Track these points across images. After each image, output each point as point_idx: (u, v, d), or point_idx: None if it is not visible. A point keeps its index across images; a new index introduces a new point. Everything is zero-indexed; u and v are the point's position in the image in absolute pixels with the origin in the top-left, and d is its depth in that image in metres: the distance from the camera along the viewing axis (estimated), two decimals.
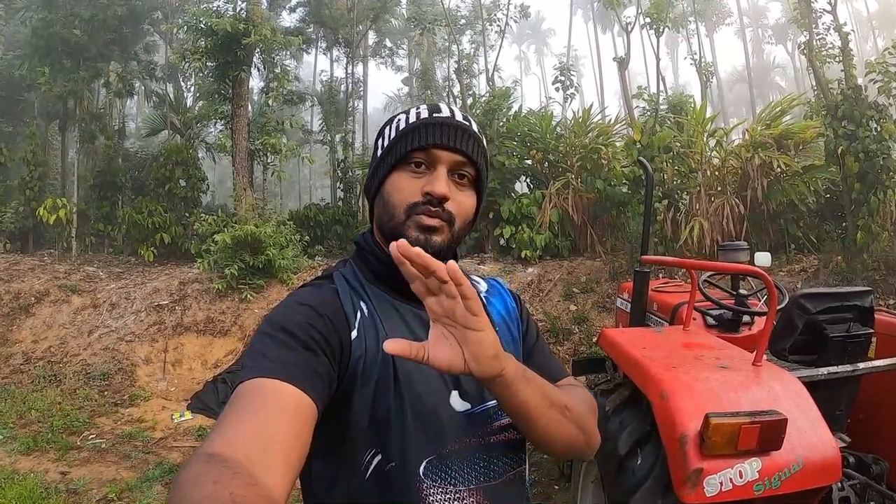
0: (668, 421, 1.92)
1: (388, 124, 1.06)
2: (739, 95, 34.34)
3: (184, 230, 10.90)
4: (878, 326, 2.62)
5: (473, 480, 0.97)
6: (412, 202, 0.96)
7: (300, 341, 0.86)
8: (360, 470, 0.92)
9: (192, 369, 7.36)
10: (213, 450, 0.67)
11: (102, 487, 4.35)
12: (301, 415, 0.78)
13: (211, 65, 10.15)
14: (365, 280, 1.04)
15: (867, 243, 7.22)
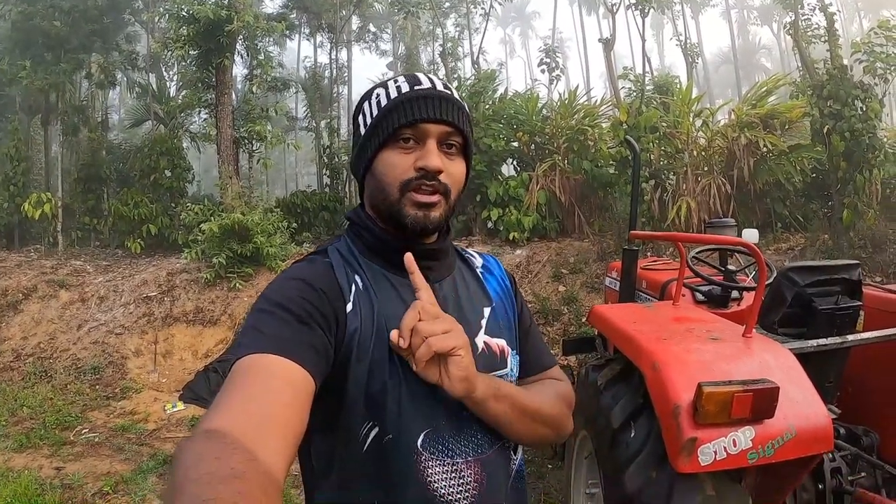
0: (661, 392, 1.93)
1: (365, 99, 1.04)
2: (725, 76, 34.41)
3: (170, 221, 10.80)
4: (866, 300, 2.65)
5: (471, 453, 0.98)
6: (406, 179, 0.96)
7: (295, 315, 0.86)
8: (358, 442, 0.93)
9: (182, 360, 7.32)
10: (212, 426, 0.67)
11: (97, 481, 4.34)
12: (298, 389, 0.79)
13: (194, 53, 10.00)
14: (359, 253, 1.04)
15: (853, 221, 7.31)
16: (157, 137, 11.76)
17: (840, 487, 2.33)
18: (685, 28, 17.58)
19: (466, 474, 0.97)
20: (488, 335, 1.07)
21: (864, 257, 6.87)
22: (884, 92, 8.00)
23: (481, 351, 1.04)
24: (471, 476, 0.98)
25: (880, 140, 7.53)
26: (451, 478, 0.96)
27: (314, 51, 18.53)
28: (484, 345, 1.06)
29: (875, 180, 7.39)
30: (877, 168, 7.37)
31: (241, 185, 10.60)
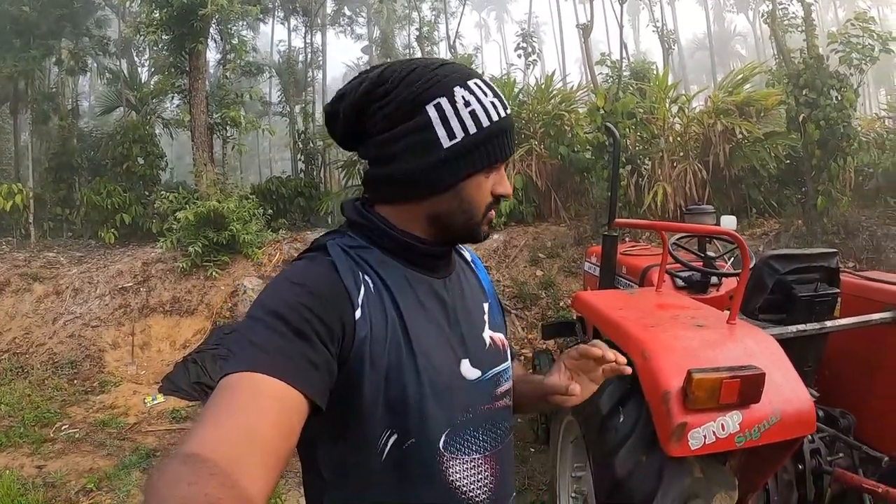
0: (651, 378, 1.97)
1: (441, 94, 0.91)
2: (700, 62, 34.69)
3: (144, 209, 10.57)
4: (844, 287, 2.72)
5: (488, 447, 0.99)
6: (489, 202, 0.98)
7: (292, 327, 0.79)
8: (377, 451, 0.90)
9: (160, 351, 7.21)
10: (190, 450, 0.64)
11: (80, 478, 4.27)
12: (287, 412, 0.74)
13: (166, 38, 9.74)
14: (371, 251, 0.97)
15: (827, 208, 7.48)
16: (130, 124, 11.47)
17: (819, 468, 2.41)
18: (661, 14, 17.67)
19: (484, 469, 0.98)
20: (491, 330, 1.07)
21: (837, 243, 7.05)
22: (859, 82, 8.17)
23: (489, 346, 1.04)
24: (488, 470, 0.98)
25: (854, 129, 7.70)
26: (471, 474, 0.96)
27: (288, 34, 18.16)
28: (490, 340, 1.05)
29: (849, 168, 7.57)
30: (851, 156, 7.54)
31: (217, 172, 10.43)
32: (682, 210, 9.27)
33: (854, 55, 7.76)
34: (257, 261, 8.55)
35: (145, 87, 13.35)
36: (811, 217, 7.77)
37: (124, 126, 11.53)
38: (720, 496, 1.97)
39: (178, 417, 5.51)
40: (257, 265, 8.53)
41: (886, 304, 2.57)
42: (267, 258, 8.67)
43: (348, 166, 12.38)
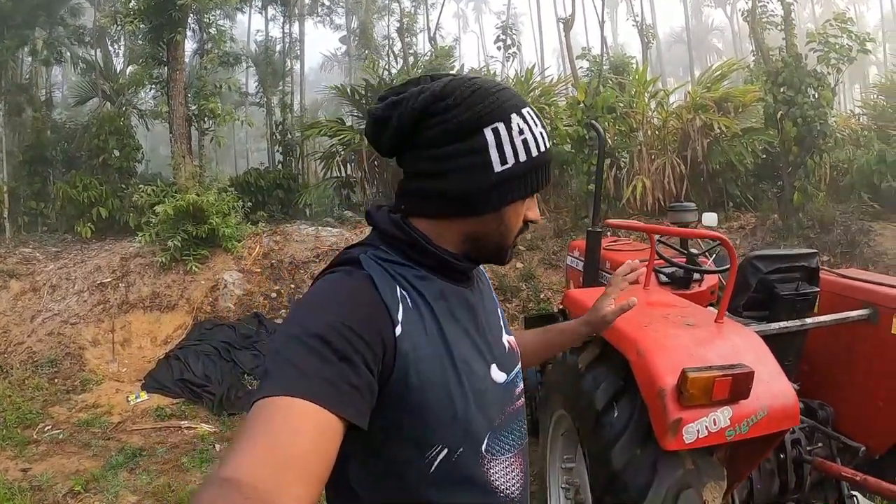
0: (647, 376, 2.05)
1: (499, 119, 0.93)
2: (677, 56, 35.09)
3: (121, 203, 10.37)
4: (823, 285, 2.84)
5: (517, 445, 1.02)
6: (520, 227, 1.03)
7: (336, 351, 0.78)
8: (424, 464, 0.90)
9: (141, 347, 7.12)
10: (226, 474, 0.64)
11: (67, 480, 4.21)
12: (327, 437, 0.73)
13: (144, 27, 9.54)
14: (404, 263, 0.96)
15: (803, 203, 7.69)
16: (106, 115, 11.22)
17: (800, 457, 2.53)
18: (641, 9, 17.84)
19: (516, 466, 1.01)
20: (507, 333, 1.12)
21: (812, 237, 7.27)
22: (836, 81, 8.40)
23: (508, 349, 1.08)
24: (518, 467, 1.02)
25: (831, 127, 7.93)
26: (507, 473, 0.99)
27: (266, 24, 17.93)
28: (508, 343, 1.10)
29: (825, 165, 7.81)
30: (827, 153, 7.77)
31: (195, 164, 10.30)
32: (661, 204, 9.46)
33: (832, 55, 7.97)
34: (237, 254, 8.48)
35: (121, 77, 13.07)
36: (787, 211, 7.99)
37: (100, 117, 11.29)
38: (710, 486, 2.06)
39: (162, 415, 5.45)
40: (237, 259, 8.46)
41: (863, 301, 2.69)
42: (247, 252, 8.60)
43: (326, 158, 12.31)
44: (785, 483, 2.52)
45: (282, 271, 8.36)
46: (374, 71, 12.75)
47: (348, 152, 11.62)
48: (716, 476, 2.08)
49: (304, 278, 8.22)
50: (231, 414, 5.48)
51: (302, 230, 9.24)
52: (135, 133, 11.63)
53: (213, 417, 5.47)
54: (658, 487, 2.02)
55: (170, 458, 4.65)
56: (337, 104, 17.61)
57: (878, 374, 2.59)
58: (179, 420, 5.40)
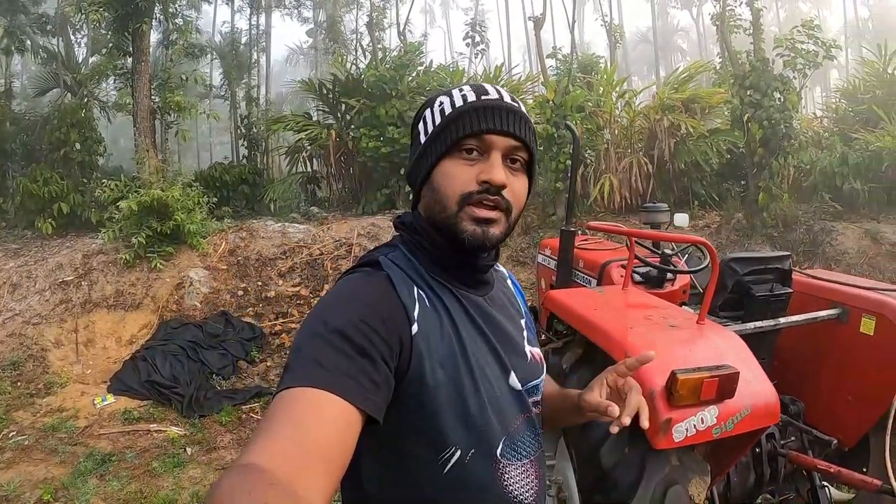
0: (636, 378, 2.07)
1: (427, 107, 1.01)
2: (642, 55, 35.67)
3: (82, 198, 10.03)
4: (795, 286, 2.96)
5: (532, 452, 1.04)
6: (466, 191, 0.93)
7: (355, 346, 0.81)
8: (438, 464, 0.92)
9: (106, 348, 6.92)
10: (249, 460, 0.65)
11: (35, 489, 4.07)
12: (347, 429, 0.76)
13: (109, 17, 9.23)
14: (421, 266, 1.00)
15: (767, 203, 7.94)
16: (67, 107, 10.79)
17: (774, 451, 2.64)
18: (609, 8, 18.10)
19: (530, 472, 1.02)
20: (529, 345, 1.12)
21: (775, 236, 7.53)
22: (801, 85, 8.69)
23: (530, 360, 1.10)
24: (533, 473, 1.03)
25: (796, 129, 8.20)
26: (521, 478, 1.00)
27: (232, 15, 17.56)
28: (530, 354, 1.11)
29: (789, 166, 8.07)
30: (791, 155, 8.03)
31: (159, 158, 10.03)
32: (627, 202, 9.65)
33: (799, 60, 8.24)
34: (203, 251, 8.31)
35: (83, 67, 12.61)
36: (751, 211, 8.24)
37: (61, 109, 10.87)
38: (695, 481, 2.13)
39: (130, 418, 5.31)
40: (203, 256, 8.29)
41: (832, 301, 2.82)
42: (212, 248, 8.44)
43: (292, 153, 12.17)
44: (760, 476, 2.62)
45: (248, 268, 8.23)
46: (342, 65, 12.64)
47: (315, 147, 11.50)
48: (700, 471, 2.15)
49: (272, 275, 8.11)
50: (201, 416, 5.38)
51: (268, 226, 9.12)
52: (97, 125, 11.24)
53: (182, 420, 5.36)
54: (647, 484, 2.08)
55: (140, 463, 4.54)
56: (302, 98, 17.39)
57: (847, 371, 2.72)
58: (148, 423, 5.27)
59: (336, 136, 11.06)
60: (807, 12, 25.27)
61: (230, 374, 6.33)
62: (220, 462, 4.53)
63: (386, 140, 10.03)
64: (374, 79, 10.38)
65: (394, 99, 10.21)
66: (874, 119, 9.99)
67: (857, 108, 10.99)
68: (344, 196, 11.84)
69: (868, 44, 14.50)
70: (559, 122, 9.15)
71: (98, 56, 11.65)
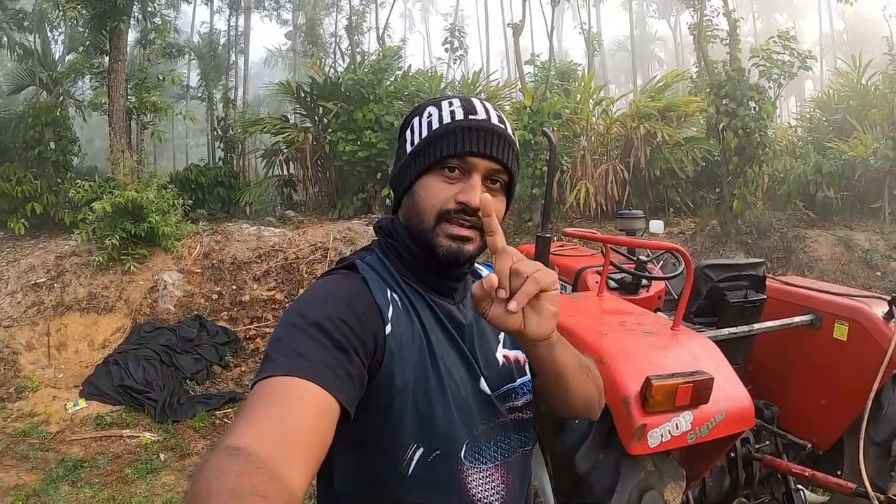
0: (611, 384, 2.10)
1: (416, 115, 1.03)
2: (620, 62, 36.16)
3: (56, 198, 9.82)
4: (768, 292, 3.01)
5: (498, 458, 1.03)
6: (445, 209, 0.95)
7: (332, 339, 0.84)
8: (402, 465, 0.93)
9: (78, 352, 6.78)
10: (235, 442, 0.67)
11: (6, 496, 3.98)
12: (326, 417, 0.77)
13: (86, 14, 9.06)
14: (394, 270, 1.02)
15: (742, 210, 8.09)
16: (42, 106, 10.53)
17: (749, 455, 2.67)
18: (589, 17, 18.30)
19: (495, 478, 1.02)
20: (506, 348, 1.11)
21: (749, 243, 7.67)
22: (776, 95, 8.88)
23: (502, 364, 1.08)
24: (499, 479, 1.02)
25: (770, 138, 8.38)
26: (485, 482, 1.00)
27: (211, 16, 17.41)
28: (504, 358, 1.10)
29: (763, 174, 8.24)
30: (766, 163, 8.19)
31: (134, 159, 9.87)
32: (603, 209, 9.75)
33: (774, 71, 8.42)
34: (177, 254, 8.19)
35: (59, 65, 12.35)
36: (726, 218, 8.38)
37: (36, 107, 10.63)
38: (671, 486, 2.15)
39: (102, 424, 5.21)
40: (177, 258, 8.17)
41: (806, 307, 2.87)
42: (187, 251, 8.32)
43: (269, 155, 12.08)
44: (735, 480, 2.66)
45: (223, 272, 8.13)
46: (321, 68, 12.58)
47: (291, 151, 11.42)
48: (676, 476, 2.17)
49: (246, 279, 8.03)
50: (174, 421, 5.30)
51: (244, 229, 9.02)
52: (72, 125, 11.01)
53: (155, 425, 5.27)
54: (622, 490, 2.09)
55: (112, 469, 4.45)
56: (279, 101, 17.28)
57: (820, 376, 2.77)
58: (121, 428, 5.17)
59: (313, 139, 11.00)
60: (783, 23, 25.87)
61: (204, 379, 6.24)
62: (194, 468, 4.46)
63: (363, 144, 9.97)
64: (353, 82, 10.33)
65: (371, 103, 10.16)
66: (848, 129, 10.26)
67: (831, 118, 11.28)
68: (320, 200, 11.78)
69: (843, 55, 14.88)
70: (536, 128, 9.22)
71: (75, 54, 11.39)
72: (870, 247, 8.34)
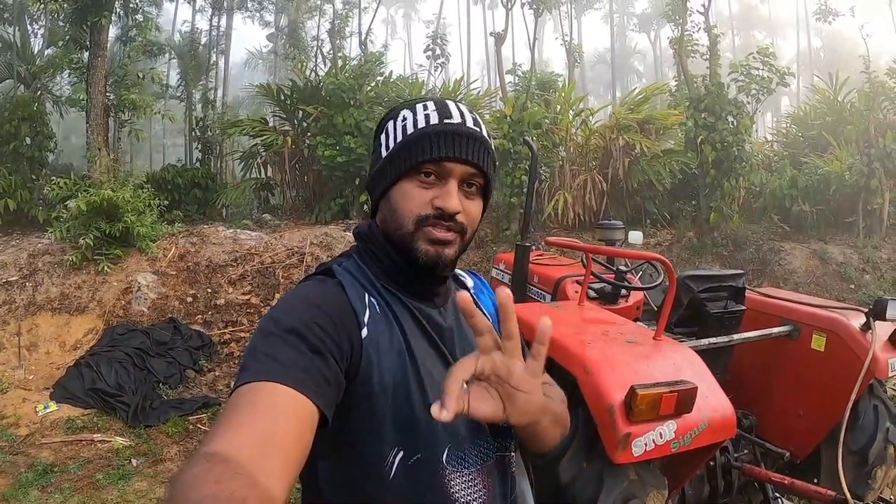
0: (595, 393, 2.12)
1: (391, 118, 1.02)
2: (599, 75, 36.64)
3: (30, 195, 9.60)
4: (747, 303, 3.06)
5: (479, 462, 1.02)
6: (422, 214, 0.95)
7: (309, 344, 0.84)
8: (384, 468, 0.92)
9: (49, 353, 6.61)
10: (213, 449, 0.67)
11: None
12: (304, 421, 0.78)
13: (68, 8, 8.90)
14: (372, 275, 1.02)
15: (718, 223, 8.22)
16: (20, 100, 10.29)
17: (728, 464, 2.71)
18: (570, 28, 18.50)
19: (477, 481, 1.01)
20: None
21: (725, 255, 7.79)
22: (755, 110, 9.07)
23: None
24: (480, 483, 1.02)
25: (748, 152, 8.54)
26: (467, 487, 0.99)
27: (193, 15, 17.25)
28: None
29: (740, 187, 8.39)
30: (743, 177, 8.34)
31: (111, 157, 9.71)
32: (580, 219, 9.84)
33: (753, 86, 8.60)
34: (152, 255, 8.06)
35: (38, 59, 12.10)
36: (703, 230, 8.51)
37: (13, 102, 10.38)
38: (653, 495, 2.17)
39: (73, 427, 5.08)
40: (152, 260, 8.04)
41: (784, 318, 2.92)
42: (162, 253, 8.19)
43: (247, 158, 11.97)
44: (714, 488, 2.69)
45: (198, 274, 8.02)
46: (302, 71, 12.52)
47: (270, 154, 11.34)
48: (658, 485, 2.19)
49: (222, 282, 7.92)
50: (147, 426, 5.19)
51: (220, 232, 8.91)
52: (49, 120, 10.79)
53: (127, 430, 5.16)
54: (606, 499, 2.10)
55: (83, 474, 4.34)
56: (259, 103, 17.14)
57: (798, 386, 2.83)
58: (92, 433, 5.05)
59: (292, 142, 10.93)
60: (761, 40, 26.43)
61: (177, 384, 6.12)
62: (167, 474, 4.37)
63: (342, 149, 9.92)
64: (333, 87, 10.29)
65: (352, 108, 10.12)
66: (823, 144, 10.51)
67: (808, 134, 11.54)
68: (297, 204, 11.70)
69: (820, 72, 15.23)
70: (516, 137, 9.27)
71: (54, 48, 11.19)
72: (844, 260, 8.54)
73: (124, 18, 10.31)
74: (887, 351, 2.65)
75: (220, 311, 7.56)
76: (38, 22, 13.14)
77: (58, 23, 10.10)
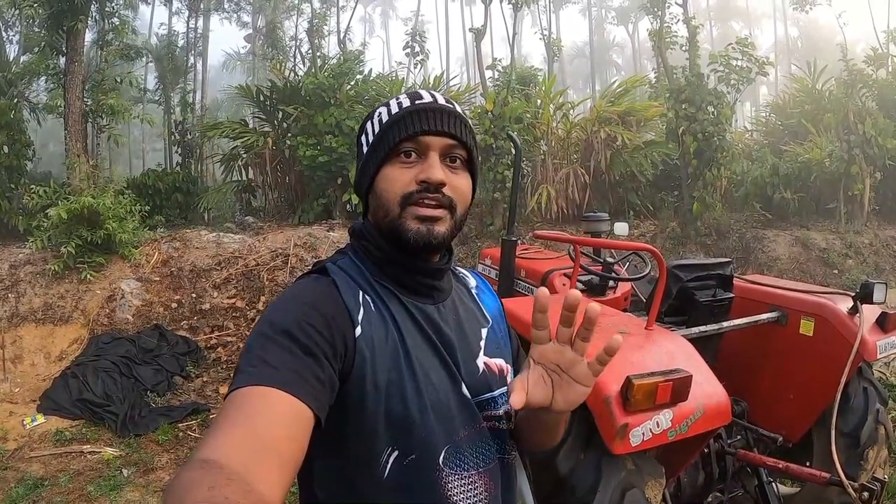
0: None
1: (368, 119, 1.04)
2: (578, 68, 36.77)
3: (9, 204, 9.43)
4: (735, 290, 3.10)
5: (481, 464, 1.01)
6: (407, 192, 0.95)
7: (301, 345, 0.84)
8: (378, 468, 0.92)
9: (35, 364, 6.50)
10: (207, 455, 0.67)
11: None
12: (298, 425, 0.78)
13: (43, 13, 8.74)
14: (368, 272, 1.01)
15: (701, 212, 8.30)
16: None
17: (722, 450, 2.74)
18: (549, 23, 18.55)
19: (478, 485, 1.00)
20: (487, 356, 1.09)
21: (709, 244, 7.88)
22: (735, 100, 9.16)
23: (482, 372, 1.06)
24: (481, 486, 1.01)
25: (729, 142, 8.64)
26: (466, 489, 0.99)
27: (169, 17, 17.04)
28: (484, 366, 1.07)
29: (722, 177, 8.47)
30: (724, 166, 8.43)
31: (91, 163, 9.56)
32: (564, 212, 9.88)
33: (733, 76, 8.68)
34: (135, 261, 7.96)
35: (14, 66, 11.87)
36: (686, 220, 8.59)
37: None
38: (651, 483, 2.19)
39: (62, 439, 4.99)
40: (135, 266, 7.93)
41: (772, 305, 2.96)
42: (145, 259, 8.08)
43: (228, 160, 11.86)
44: (709, 475, 2.72)
45: (182, 279, 7.92)
46: (280, 72, 12.42)
47: (251, 155, 11.24)
48: (655, 474, 2.21)
49: (206, 287, 7.84)
50: (136, 435, 5.12)
51: (203, 236, 8.80)
52: (26, 128, 10.61)
53: (116, 440, 5.08)
54: (605, 489, 2.11)
55: (74, 487, 4.26)
56: (238, 104, 16.97)
57: (788, 371, 2.87)
58: (81, 444, 4.97)
59: (273, 143, 10.83)
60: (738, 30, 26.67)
61: (165, 391, 6.04)
62: (159, 483, 4.31)
63: (323, 149, 9.85)
64: (313, 86, 10.21)
65: (332, 107, 10.05)
66: (803, 132, 10.65)
67: (787, 122, 11.69)
68: (280, 205, 11.61)
69: (797, 61, 15.41)
70: (498, 132, 9.28)
71: (30, 55, 10.97)
72: (826, 246, 8.68)
73: (100, 22, 10.15)
74: (875, 333, 2.70)
75: (205, 315, 7.48)
76: (14, 28, 12.93)
77: (33, 28, 9.90)
